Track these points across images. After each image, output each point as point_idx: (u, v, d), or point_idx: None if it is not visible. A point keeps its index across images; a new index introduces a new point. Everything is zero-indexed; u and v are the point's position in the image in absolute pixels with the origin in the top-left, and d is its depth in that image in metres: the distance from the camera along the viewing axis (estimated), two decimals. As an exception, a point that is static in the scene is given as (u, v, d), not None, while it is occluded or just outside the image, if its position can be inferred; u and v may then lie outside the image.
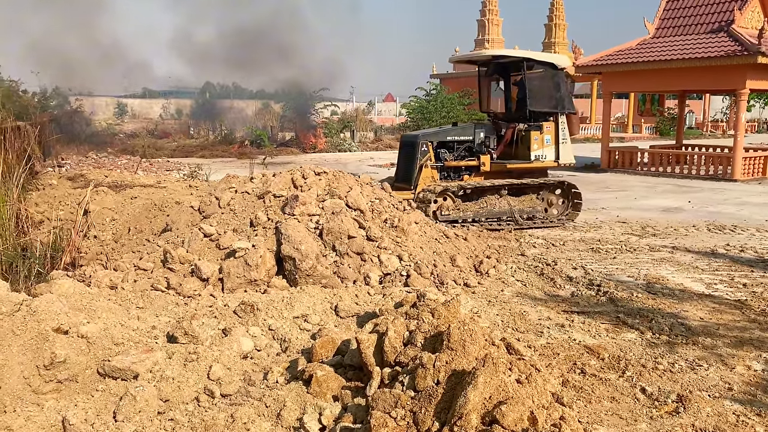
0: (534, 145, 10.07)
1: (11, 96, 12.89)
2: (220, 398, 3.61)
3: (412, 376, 3.15)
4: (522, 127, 10.26)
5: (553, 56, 10.75)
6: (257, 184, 7.17)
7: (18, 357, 3.61)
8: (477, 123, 11.27)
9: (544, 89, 10.27)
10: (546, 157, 10.17)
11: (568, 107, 10.37)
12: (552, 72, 10.23)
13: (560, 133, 10.21)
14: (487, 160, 10.18)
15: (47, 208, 8.38)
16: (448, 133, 10.50)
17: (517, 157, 10.27)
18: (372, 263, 6.11)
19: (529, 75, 10.06)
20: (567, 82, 10.58)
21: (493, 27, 42.18)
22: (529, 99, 10.08)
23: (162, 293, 5.46)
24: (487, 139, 10.37)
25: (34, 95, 18.96)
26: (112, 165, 16.59)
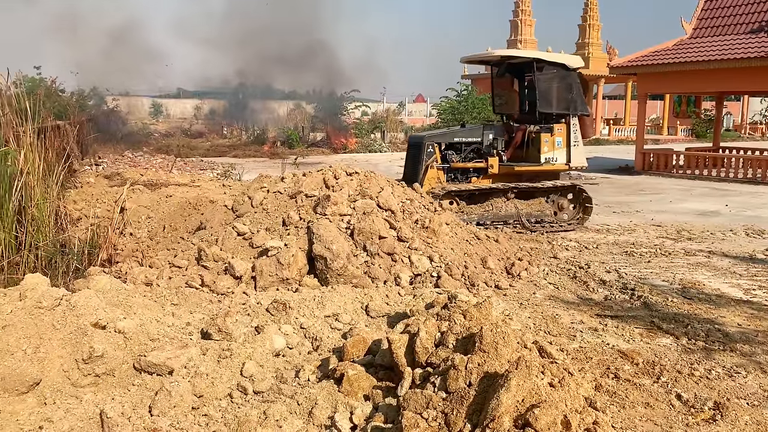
0: (544, 147, 9.86)
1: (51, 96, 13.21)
2: (252, 395, 3.65)
3: (444, 378, 3.15)
4: (532, 129, 10.07)
5: (565, 57, 10.52)
6: (289, 184, 7.23)
7: (58, 351, 3.70)
8: (485, 124, 11.08)
9: (556, 90, 10.04)
10: (557, 159, 9.96)
11: (581, 109, 10.14)
12: (564, 73, 10.00)
13: (572, 136, 9.99)
14: (495, 162, 9.98)
15: (85, 206, 8.57)
16: (456, 134, 10.34)
17: (528, 160, 10.07)
18: (402, 264, 6.11)
19: (539, 76, 9.86)
20: (580, 84, 10.32)
21: (525, 27, 41.82)
22: (540, 100, 9.88)
23: (196, 290, 5.55)
24: (495, 140, 10.16)
25: (72, 95, 19.40)
26: (148, 164, 16.89)
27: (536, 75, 9.83)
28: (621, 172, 19.43)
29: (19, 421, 3.29)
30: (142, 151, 21.03)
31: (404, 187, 7.45)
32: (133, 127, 27.85)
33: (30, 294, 4.07)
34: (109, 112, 24.87)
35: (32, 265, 5.91)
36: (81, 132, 13.61)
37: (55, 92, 14.73)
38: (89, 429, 3.26)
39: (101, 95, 26.13)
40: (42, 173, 6.87)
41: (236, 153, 24.03)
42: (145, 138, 25.64)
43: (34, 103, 7.46)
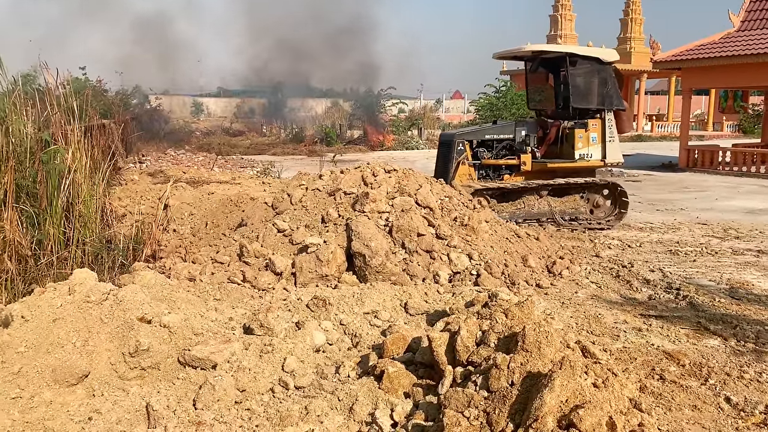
0: (578, 143, 9.62)
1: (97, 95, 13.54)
2: (294, 390, 3.68)
3: (486, 377, 3.13)
4: (567, 125, 9.86)
5: (598, 50, 10.24)
6: (327, 181, 7.27)
7: (106, 344, 3.80)
8: (518, 121, 10.87)
9: (590, 85, 9.81)
10: (591, 156, 9.71)
11: (616, 103, 9.87)
12: (598, 67, 9.75)
13: (607, 131, 9.74)
14: (527, 159, 9.79)
15: (130, 203, 8.78)
16: (487, 131, 10.20)
17: (562, 156, 9.86)
18: (441, 261, 6.09)
19: (573, 70, 9.63)
20: (615, 78, 10.03)
21: (566, 22, 41.16)
22: (573, 95, 9.66)
23: (238, 286, 5.62)
24: (527, 137, 9.97)
25: (117, 94, 19.87)
26: (190, 162, 17.19)
27: (569, 69, 9.61)
28: (664, 169, 18.99)
29: (69, 411, 3.38)
30: (184, 149, 21.41)
31: (443, 184, 7.41)
32: (176, 125, 28.37)
33: (79, 288, 4.18)
34: (152, 111, 25.39)
35: (80, 260, 6.08)
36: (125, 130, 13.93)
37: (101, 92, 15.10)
38: (136, 421, 3.33)
39: (144, 94, 26.70)
40: (89, 171, 7.05)
41: (275, 151, 24.28)
42: (186, 136, 26.09)
43: (81, 102, 7.66)
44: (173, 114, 30.94)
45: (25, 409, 3.39)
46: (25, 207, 5.33)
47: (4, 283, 4.80)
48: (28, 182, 5.44)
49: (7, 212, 4.97)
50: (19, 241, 4.98)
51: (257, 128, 33.23)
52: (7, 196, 5.04)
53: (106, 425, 3.26)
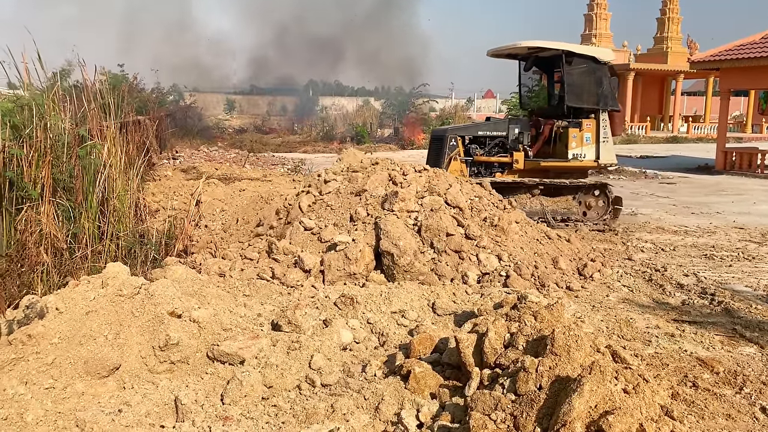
0: (572, 143, 9.43)
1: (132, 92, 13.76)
2: (320, 388, 3.69)
3: (513, 380, 3.09)
4: (561, 124, 9.67)
5: (595, 50, 10.02)
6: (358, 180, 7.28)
7: (136, 337, 3.85)
8: (511, 118, 10.73)
9: (585, 84, 9.60)
10: (585, 156, 9.52)
11: (611, 104, 9.64)
12: (594, 66, 9.54)
13: (601, 132, 9.53)
14: (520, 157, 9.62)
15: (163, 198, 8.91)
16: (480, 127, 10.06)
17: (555, 156, 9.68)
18: (470, 262, 6.04)
19: (568, 69, 9.44)
20: (610, 78, 9.78)
21: (601, 21, 40.59)
22: (568, 94, 9.45)
23: (267, 282, 5.66)
24: (521, 135, 9.80)
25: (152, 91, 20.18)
26: (222, 158, 17.38)
27: (565, 68, 9.41)
28: (700, 171, 18.59)
29: (100, 403, 3.44)
30: (216, 146, 21.67)
31: (473, 184, 7.36)
32: (208, 122, 28.74)
33: (111, 282, 4.25)
34: (185, 108, 25.74)
35: (113, 254, 6.19)
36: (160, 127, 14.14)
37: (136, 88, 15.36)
38: (164, 414, 3.38)
39: (179, 91, 27.07)
40: (123, 166, 7.18)
41: (306, 149, 24.44)
42: (219, 133, 26.41)
43: (117, 98, 7.79)
44: (206, 111, 31.32)
45: (58, 399, 3.46)
46: (62, 201, 5.44)
47: (40, 276, 4.91)
48: (65, 177, 5.56)
49: (44, 206, 5.09)
50: (55, 235, 5.09)
51: (289, 126, 33.47)
52: (45, 190, 5.15)
53: (135, 417, 3.31)
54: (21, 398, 3.40)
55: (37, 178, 5.13)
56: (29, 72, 5.92)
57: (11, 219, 4.94)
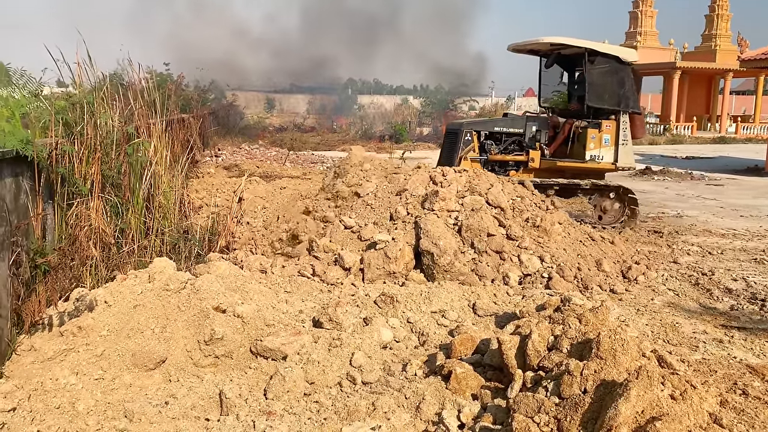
0: (590, 144, 9.13)
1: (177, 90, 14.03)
2: (361, 385, 3.70)
3: (557, 383, 3.05)
4: (579, 124, 9.37)
5: (619, 49, 9.65)
6: (397, 179, 7.29)
7: (182, 331, 3.94)
8: (529, 116, 10.36)
9: (607, 84, 9.30)
10: (603, 158, 9.21)
11: (633, 106, 9.33)
12: (617, 66, 9.23)
13: (621, 134, 9.22)
14: (536, 155, 9.34)
15: (206, 195, 9.06)
16: (496, 123, 9.79)
17: (572, 156, 9.38)
18: (512, 263, 5.99)
19: (590, 68, 9.15)
20: (633, 80, 9.45)
21: (646, 19, 39.72)
22: (589, 93, 9.17)
23: (307, 279, 5.71)
24: (538, 133, 9.52)
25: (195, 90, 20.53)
26: (263, 156, 17.59)
27: (587, 66, 9.13)
28: (749, 172, 18.03)
29: (147, 395, 3.52)
30: (257, 143, 21.94)
31: (515, 184, 7.29)
32: (250, 120, 29.11)
33: (158, 277, 4.35)
34: (228, 107, 26.12)
35: (158, 249, 6.32)
36: (203, 125, 14.37)
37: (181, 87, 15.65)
38: (209, 407, 3.44)
39: (221, 90, 27.49)
40: (169, 163, 7.32)
41: (345, 147, 24.52)
42: (260, 131, 26.73)
43: (162, 97, 7.95)
44: (248, 109, 31.76)
45: (107, 390, 3.56)
46: (110, 197, 5.58)
47: (89, 269, 5.04)
48: (113, 173, 5.69)
49: (93, 201, 5.22)
50: (104, 229, 5.22)
51: (328, 124, 33.68)
52: (94, 186, 5.29)
53: (181, 410, 3.37)
54: (72, 388, 3.50)
55: (87, 174, 5.27)
56: (80, 71, 6.08)
57: (63, 214, 5.08)
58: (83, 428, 3.17)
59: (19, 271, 4.33)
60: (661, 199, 12.53)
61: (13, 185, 4.38)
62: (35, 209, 4.68)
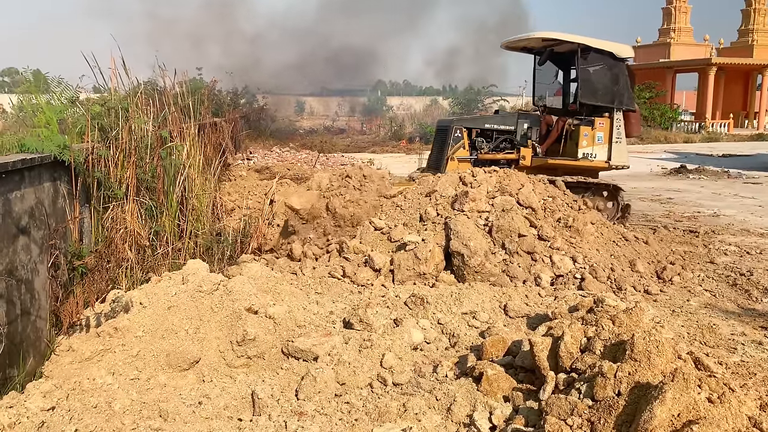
0: (583, 141, 8.91)
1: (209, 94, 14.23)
2: (392, 386, 3.71)
3: (590, 385, 3.01)
4: (572, 122, 9.16)
5: (613, 45, 9.32)
6: (426, 180, 7.29)
7: (215, 332, 3.99)
8: (521, 113, 10.09)
9: (600, 81, 9.06)
10: (596, 156, 8.98)
11: (627, 103, 9.08)
12: (611, 62, 9.00)
13: (614, 132, 8.98)
14: (528, 153, 9.14)
15: (238, 198, 9.17)
16: (487, 120, 9.61)
17: (565, 154, 9.17)
18: (543, 263, 5.93)
19: (583, 64, 8.93)
20: (628, 77, 9.16)
21: (680, 15, 38.95)
22: (582, 90, 8.97)
23: (338, 281, 5.74)
24: (529, 130, 9.31)
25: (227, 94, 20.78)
26: (294, 159, 17.71)
27: (580, 62, 8.93)
28: (790, 171, 17.57)
29: (181, 395, 3.58)
30: (288, 146, 22.11)
31: (546, 184, 7.21)
32: (281, 123, 29.35)
33: (192, 278, 4.42)
34: (259, 110, 26.37)
35: (192, 251, 6.41)
36: (235, 128, 14.53)
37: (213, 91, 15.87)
38: (242, 407, 3.48)
39: (252, 93, 27.77)
40: (202, 166, 7.42)
41: (374, 149, 24.58)
42: (291, 134, 26.93)
43: (195, 101, 8.08)
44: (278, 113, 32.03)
45: (142, 390, 3.63)
46: (144, 200, 5.68)
47: (124, 271, 5.14)
48: (148, 177, 5.80)
49: (128, 204, 5.32)
50: (139, 232, 5.32)
51: (357, 126, 33.79)
52: (129, 189, 5.39)
53: (214, 410, 3.42)
54: (109, 388, 3.58)
55: (122, 178, 5.38)
56: (115, 77, 6.21)
57: (99, 217, 5.20)
58: (119, 427, 3.23)
59: (58, 274, 4.44)
60: (697, 198, 12.28)
61: (51, 189, 4.49)
62: (72, 213, 4.79)
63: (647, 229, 8.93)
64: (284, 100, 36.78)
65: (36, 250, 4.18)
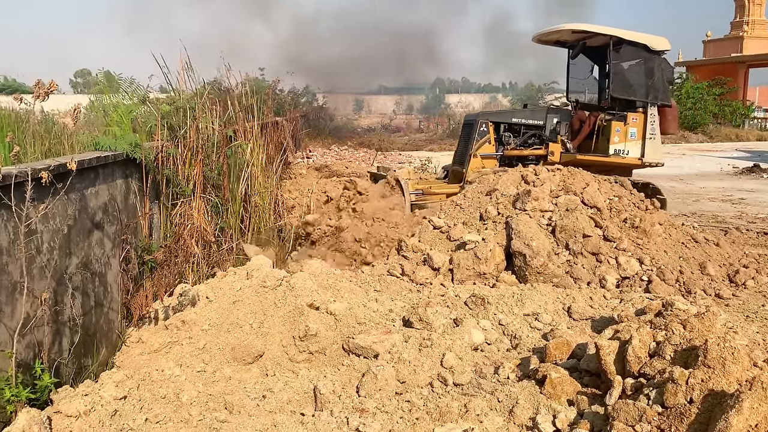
0: (615, 137, 8.45)
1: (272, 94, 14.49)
2: (452, 387, 3.68)
3: (660, 391, 2.91)
4: (604, 117, 8.71)
5: (647, 37, 8.81)
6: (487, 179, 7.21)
7: (278, 327, 4.06)
8: (552, 107, 9.59)
9: (634, 75, 8.61)
10: (628, 152, 8.49)
11: (662, 98, 8.58)
12: (645, 55, 8.51)
13: (648, 127, 8.49)
14: (556, 149, 8.70)
15: (298, 195, 9.31)
16: (515, 114, 9.21)
17: (597, 151, 8.72)
18: (608, 265, 5.78)
19: (615, 56, 8.48)
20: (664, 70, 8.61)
21: (754, 7, 37.22)
22: (614, 84, 8.50)
23: (396, 279, 5.74)
24: (559, 125, 8.88)
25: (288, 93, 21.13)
26: (352, 157, 17.86)
27: (612, 55, 8.49)
28: None
29: (246, 388, 3.66)
30: (346, 145, 22.30)
31: (612, 183, 7.02)
32: (339, 122, 29.63)
33: (256, 274, 4.51)
34: (318, 109, 26.71)
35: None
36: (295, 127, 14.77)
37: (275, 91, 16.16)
38: (304, 402, 3.52)
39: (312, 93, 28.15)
40: (264, 165, 7.58)
41: (432, 147, 24.51)
42: (349, 133, 27.15)
43: (258, 101, 8.25)
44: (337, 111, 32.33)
45: (209, 382, 3.72)
46: (210, 197, 5.84)
47: (191, 266, 5.29)
48: (214, 174, 5.96)
49: (195, 201, 5.48)
50: (205, 228, 5.47)
51: (415, 124, 33.77)
52: (196, 186, 5.55)
53: (278, 404, 3.48)
54: (177, 379, 3.69)
55: (190, 175, 5.54)
56: (183, 77, 6.40)
57: (168, 213, 5.37)
58: (187, 418, 3.32)
59: (129, 267, 4.61)
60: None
61: (123, 186, 4.67)
62: (143, 209, 4.97)
63: (718, 230, 8.58)
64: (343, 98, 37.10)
65: (109, 244, 4.36)
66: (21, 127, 5.02)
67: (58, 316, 3.66)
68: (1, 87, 38.49)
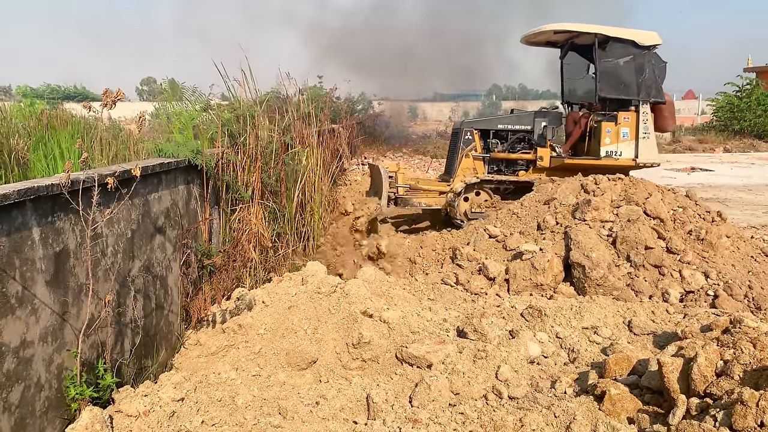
0: (606, 138, 8.04)
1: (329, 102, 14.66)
2: (507, 399, 3.61)
3: (728, 412, 2.78)
4: (595, 118, 8.31)
5: (634, 32, 8.38)
6: (545, 187, 7.08)
7: (332, 333, 4.07)
8: (538, 111, 9.14)
9: (623, 72, 8.18)
10: (621, 153, 8.06)
11: (654, 95, 8.12)
12: (634, 51, 8.09)
13: (641, 126, 8.04)
14: (546, 153, 8.37)
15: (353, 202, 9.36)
16: (500, 120, 8.87)
17: (589, 153, 8.33)
18: (672, 278, 5.57)
19: (602, 54, 8.10)
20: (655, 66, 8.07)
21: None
22: (600, 83, 8.11)
23: (451, 288, 5.69)
24: (546, 129, 8.54)
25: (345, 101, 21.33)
26: (406, 164, 17.86)
27: (598, 53, 8.14)
28: None
29: (299, 394, 3.68)
30: (401, 152, 22.32)
31: (676, 193, 6.78)
32: (394, 129, 29.69)
33: (311, 280, 4.54)
34: (374, 116, 26.84)
35: (310, 253, 6.62)
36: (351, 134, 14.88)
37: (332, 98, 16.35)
38: (357, 410, 3.52)
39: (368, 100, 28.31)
40: (320, 171, 7.65)
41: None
42: (403, 140, 27.17)
43: (315, 109, 8.35)
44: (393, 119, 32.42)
45: (263, 386, 3.76)
46: (268, 203, 5.93)
47: (248, 271, 5.39)
48: (272, 181, 6.05)
49: (253, 207, 5.58)
50: (263, 234, 5.56)
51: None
52: (254, 192, 5.65)
53: (330, 411, 3.48)
54: (232, 383, 3.74)
55: (248, 181, 5.64)
56: (244, 86, 6.54)
57: (227, 219, 5.48)
58: (241, 422, 3.37)
59: (189, 271, 4.72)
60: None
61: (184, 192, 4.79)
62: (203, 214, 5.08)
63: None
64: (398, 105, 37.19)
65: (170, 248, 4.47)
66: (90, 134, 5.21)
67: (120, 318, 3.77)
68: (71, 95, 40.29)
